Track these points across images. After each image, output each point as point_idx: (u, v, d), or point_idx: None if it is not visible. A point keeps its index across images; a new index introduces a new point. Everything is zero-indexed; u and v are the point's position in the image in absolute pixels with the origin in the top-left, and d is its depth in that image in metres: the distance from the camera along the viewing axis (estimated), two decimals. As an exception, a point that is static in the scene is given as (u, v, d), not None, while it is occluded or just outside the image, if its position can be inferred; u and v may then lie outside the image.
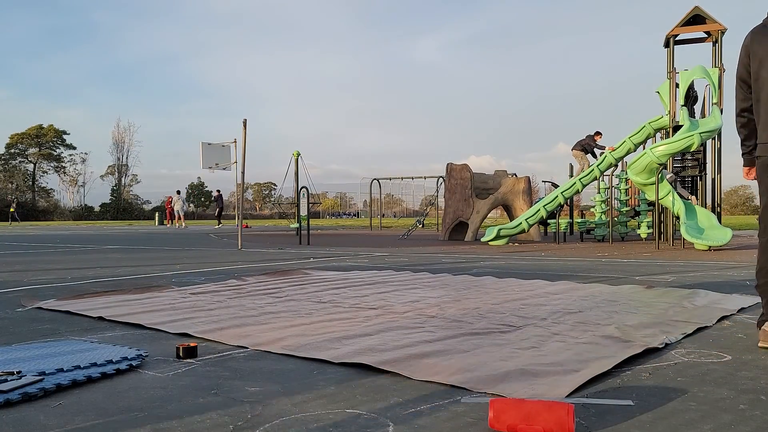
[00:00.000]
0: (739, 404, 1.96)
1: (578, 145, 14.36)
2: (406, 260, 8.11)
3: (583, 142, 14.30)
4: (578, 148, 14.35)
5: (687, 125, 11.09)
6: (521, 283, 5.22)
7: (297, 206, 14.07)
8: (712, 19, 11.98)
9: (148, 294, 4.65)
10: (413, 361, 2.51)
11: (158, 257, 8.99)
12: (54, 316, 3.78)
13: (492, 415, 1.72)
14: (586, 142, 14.27)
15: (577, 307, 3.92)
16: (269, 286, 5.15)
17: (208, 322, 3.43)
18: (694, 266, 6.99)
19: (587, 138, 14.31)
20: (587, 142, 14.27)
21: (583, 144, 14.29)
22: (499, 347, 2.76)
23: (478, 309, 3.86)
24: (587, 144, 14.27)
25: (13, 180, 58.58)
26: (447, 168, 14.27)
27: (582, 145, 14.30)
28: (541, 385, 2.16)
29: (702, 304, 4.00)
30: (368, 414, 1.89)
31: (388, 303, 4.15)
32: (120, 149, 61.33)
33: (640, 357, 2.60)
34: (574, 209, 16.39)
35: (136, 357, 2.57)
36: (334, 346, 2.80)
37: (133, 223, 42.67)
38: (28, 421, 1.85)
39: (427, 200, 27.53)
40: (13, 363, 2.44)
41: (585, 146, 14.28)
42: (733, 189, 69.67)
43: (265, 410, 1.93)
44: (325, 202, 62.64)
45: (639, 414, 1.87)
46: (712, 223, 10.54)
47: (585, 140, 14.30)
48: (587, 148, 14.29)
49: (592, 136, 14.31)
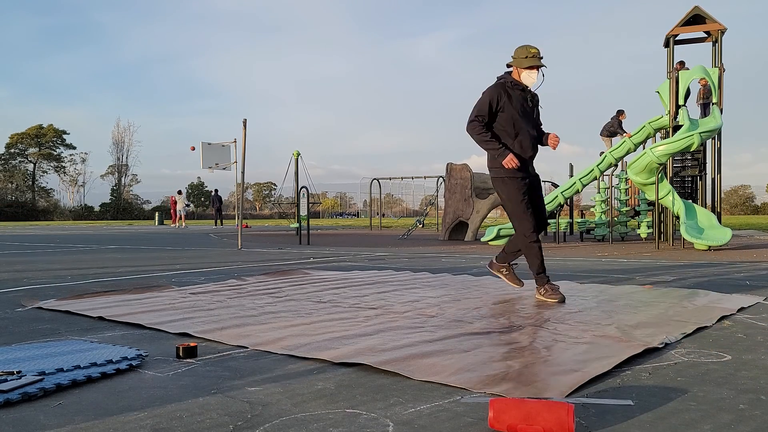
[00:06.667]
0: (739, 404, 1.96)
1: (605, 131, 13.99)
2: (406, 260, 8.11)
3: (609, 125, 13.91)
4: (605, 134, 13.99)
5: (687, 125, 11.09)
6: (521, 283, 5.22)
7: (297, 206, 14.06)
8: (712, 19, 11.98)
9: (147, 294, 4.65)
10: (413, 361, 2.51)
11: (158, 257, 8.99)
12: (54, 316, 3.78)
13: (492, 415, 1.72)
14: (611, 124, 13.87)
15: (577, 307, 3.92)
16: (269, 286, 5.15)
17: (208, 322, 3.43)
18: (694, 266, 6.99)
19: (612, 120, 13.90)
20: (612, 123, 13.87)
21: (609, 128, 13.90)
22: (499, 347, 2.76)
23: (478, 309, 3.86)
24: (612, 126, 13.87)
25: (13, 180, 58.57)
26: (447, 168, 14.27)
27: (608, 130, 13.93)
28: (541, 385, 2.16)
29: (702, 304, 4.00)
30: (368, 414, 1.89)
31: (388, 303, 4.15)
32: (120, 149, 61.39)
33: (640, 357, 2.60)
34: (574, 209, 16.39)
35: (136, 357, 2.57)
36: (334, 346, 2.80)
37: (133, 222, 42.67)
38: (28, 421, 1.85)
39: (427, 200, 27.53)
40: (13, 363, 2.44)
41: (610, 130, 13.89)
42: (733, 189, 69.72)
43: (265, 410, 1.93)
44: (325, 201, 62.64)
45: (639, 414, 1.87)
46: (711, 222, 10.54)
47: (610, 122, 13.90)
48: (612, 132, 13.88)
49: (616, 117, 13.88)
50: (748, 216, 55.56)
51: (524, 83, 4.29)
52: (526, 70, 4.26)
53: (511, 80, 4.29)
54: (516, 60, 4.28)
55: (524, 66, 4.25)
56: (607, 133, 14.02)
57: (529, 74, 4.26)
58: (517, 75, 4.30)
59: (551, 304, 4.04)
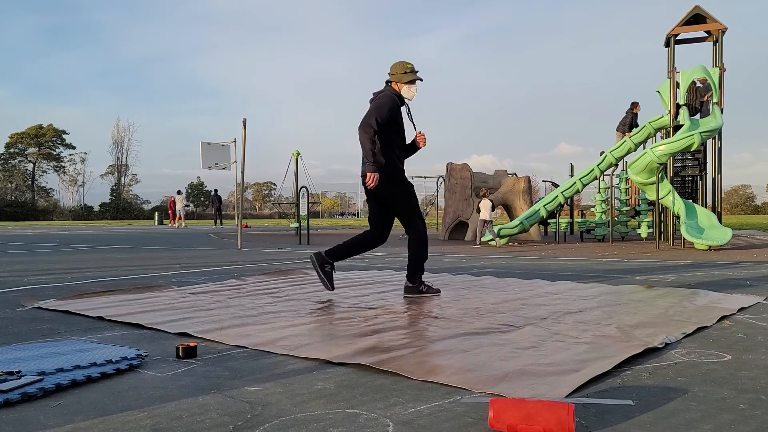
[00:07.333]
0: (740, 404, 1.96)
1: (621, 126, 13.70)
2: (405, 260, 8.10)
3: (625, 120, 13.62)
4: (621, 130, 13.70)
5: (687, 125, 11.09)
6: (521, 283, 5.22)
7: (297, 206, 14.06)
8: (713, 19, 11.98)
9: (147, 294, 4.65)
10: (413, 361, 2.51)
11: (158, 257, 8.99)
12: (54, 315, 3.78)
13: (492, 415, 1.72)
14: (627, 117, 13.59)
15: (577, 307, 3.91)
16: (269, 285, 5.15)
17: (207, 322, 3.43)
18: (694, 266, 6.99)
19: (627, 113, 13.65)
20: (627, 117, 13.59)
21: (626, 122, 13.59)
22: (499, 347, 2.75)
23: (478, 309, 3.86)
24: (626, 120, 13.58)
25: (12, 180, 58.55)
26: (447, 168, 14.27)
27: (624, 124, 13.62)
28: (541, 385, 2.15)
29: (702, 303, 4.00)
30: (368, 414, 1.89)
31: (388, 303, 4.15)
32: (120, 149, 61.42)
33: (640, 357, 2.60)
34: (574, 209, 16.38)
35: (136, 357, 2.57)
36: (334, 346, 2.80)
37: (132, 222, 42.67)
38: (28, 421, 1.84)
39: (427, 200, 27.52)
40: (12, 363, 2.44)
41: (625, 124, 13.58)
42: (733, 189, 69.75)
43: (265, 410, 1.93)
44: (325, 201, 62.63)
45: (639, 414, 1.87)
46: (712, 222, 10.53)
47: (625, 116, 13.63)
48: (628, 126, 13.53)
49: (630, 110, 13.63)
50: (748, 216, 55.58)
51: (406, 97, 4.46)
52: (406, 84, 4.42)
53: (397, 93, 4.43)
54: (396, 75, 4.42)
55: (405, 81, 4.41)
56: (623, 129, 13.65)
57: (409, 88, 4.44)
58: (398, 90, 4.44)
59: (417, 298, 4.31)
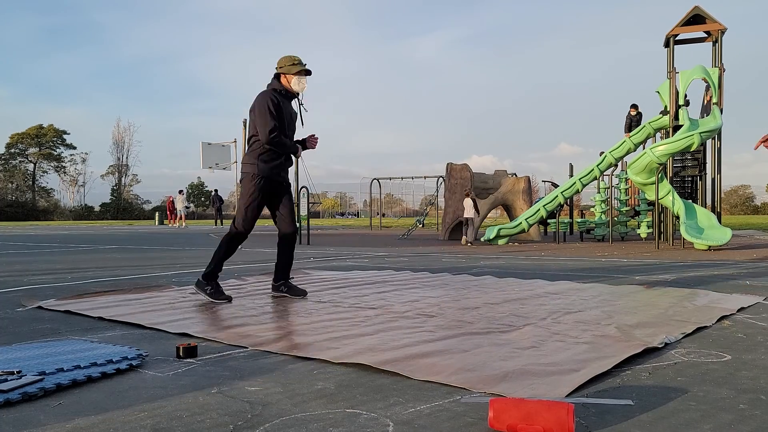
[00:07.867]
0: (739, 404, 1.97)
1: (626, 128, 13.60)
2: (405, 260, 8.11)
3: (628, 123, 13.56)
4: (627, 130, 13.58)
5: (687, 125, 11.09)
6: (521, 283, 5.22)
7: (297, 206, 14.07)
8: (712, 19, 11.98)
9: (147, 294, 4.65)
10: (413, 361, 2.51)
11: (158, 257, 8.99)
12: (54, 315, 3.78)
13: (492, 415, 1.72)
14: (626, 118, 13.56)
15: (577, 307, 3.92)
16: (269, 285, 5.15)
17: (208, 322, 3.43)
18: (693, 266, 6.99)
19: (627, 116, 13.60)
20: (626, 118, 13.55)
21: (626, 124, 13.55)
22: (499, 347, 2.76)
23: (478, 309, 3.86)
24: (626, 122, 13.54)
25: (13, 180, 58.56)
26: (447, 168, 14.27)
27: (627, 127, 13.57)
28: (541, 385, 2.16)
29: (702, 303, 4.00)
30: (368, 414, 1.89)
31: (388, 303, 4.15)
32: (120, 149, 61.39)
33: (640, 357, 2.60)
34: (574, 209, 16.39)
35: (136, 357, 2.57)
36: (334, 346, 2.80)
37: (133, 222, 42.67)
38: (28, 421, 1.85)
39: (427, 200, 27.52)
40: (13, 363, 2.44)
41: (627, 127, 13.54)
42: (733, 189, 69.73)
43: (265, 410, 1.93)
44: (325, 201, 62.63)
45: (639, 414, 1.87)
46: (711, 222, 10.54)
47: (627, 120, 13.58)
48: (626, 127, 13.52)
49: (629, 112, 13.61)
50: (748, 216, 55.57)
51: (295, 89, 4.38)
52: (295, 76, 4.34)
53: (281, 88, 4.36)
54: (284, 68, 4.34)
55: (293, 72, 4.33)
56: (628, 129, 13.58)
57: (299, 80, 4.36)
58: (287, 83, 4.37)
59: (208, 302, 4.17)
